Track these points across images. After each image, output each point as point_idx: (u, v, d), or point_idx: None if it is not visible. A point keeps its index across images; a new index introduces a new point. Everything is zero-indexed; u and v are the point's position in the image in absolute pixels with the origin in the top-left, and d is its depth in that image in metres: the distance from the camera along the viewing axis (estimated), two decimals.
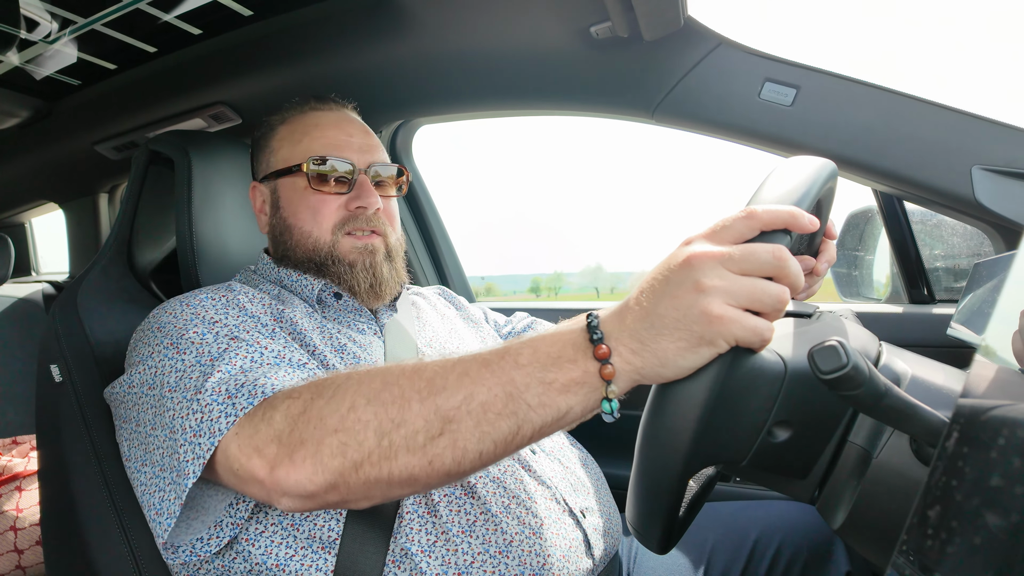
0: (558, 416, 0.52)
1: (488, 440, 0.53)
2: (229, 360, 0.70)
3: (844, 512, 0.55)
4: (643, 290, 0.51)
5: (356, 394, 0.58)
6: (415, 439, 0.54)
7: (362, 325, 0.93)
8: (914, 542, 0.34)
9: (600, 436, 1.33)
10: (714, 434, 0.50)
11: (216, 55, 1.39)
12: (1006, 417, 0.31)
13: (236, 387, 0.66)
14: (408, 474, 0.55)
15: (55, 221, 2.30)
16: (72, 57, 1.38)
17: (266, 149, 0.99)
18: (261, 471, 0.60)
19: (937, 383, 0.54)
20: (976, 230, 1.13)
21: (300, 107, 1.00)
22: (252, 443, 0.61)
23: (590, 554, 0.82)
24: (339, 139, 0.95)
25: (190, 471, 0.64)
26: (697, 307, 0.47)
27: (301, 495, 0.58)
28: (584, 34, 1.17)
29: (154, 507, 0.68)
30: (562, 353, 0.52)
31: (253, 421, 0.62)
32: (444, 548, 0.73)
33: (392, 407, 0.55)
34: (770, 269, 0.48)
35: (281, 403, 0.62)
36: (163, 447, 0.68)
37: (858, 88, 1.07)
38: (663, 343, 0.48)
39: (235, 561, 0.73)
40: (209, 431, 0.63)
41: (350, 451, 0.56)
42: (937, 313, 1.16)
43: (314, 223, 0.92)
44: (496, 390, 0.52)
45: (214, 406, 0.65)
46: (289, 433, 0.59)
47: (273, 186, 0.97)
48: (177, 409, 0.67)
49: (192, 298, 0.81)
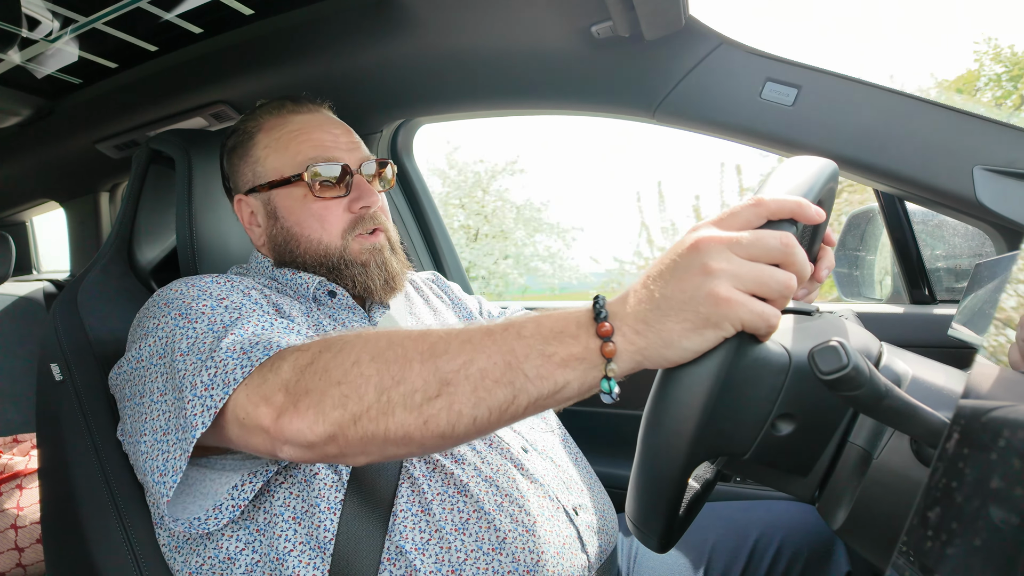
0: (555, 389, 0.53)
1: (483, 406, 0.53)
2: (242, 326, 0.71)
3: (844, 513, 0.55)
4: (650, 275, 0.51)
5: (362, 350, 0.59)
6: (412, 398, 0.55)
7: (356, 322, 0.93)
8: (914, 543, 0.34)
9: (596, 435, 1.33)
10: (718, 423, 0.50)
11: (217, 54, 1.39)
12: (1007, 418, 0.31)
13: (251, 345, 0.67)
14: (404, 432, 0.55)
15: (57, 221, 2.31)
16: (73, 56, 1.38)
17: (248, 159, 0.96)
18: (267, 419, 0.60)
19: (938, 384, 0.54)
20: (977, 230, 1.13)
21: (277, 111, 0.97)
22: (260, 392, 0.62)
23: (584, 551, 0.82)
24: (327, 141, 0.94)
25: (198, 423, 0.64)
26: (704, 289, 0.47)
27: (302, 444, 0.59)
28: (585, 33, 1.17)
29: (157, 469, 0.68)
30: (565, 328, 0.53)
31: (263, 371, 0.63)
32: (438, 546, 0.73)
33: (394, 365, 0.56)
34: (778, 255, 0.49)
35: (290, 355, 0.63)
36: (168, 411, 0.68)
37: (860, 88, 1.07)
38: (668, 324, 0.49)
39: (242, 553, 0.74)
40: (223, 383, 0.64)
41: (351, 403, 0.57)
42: (938, 313, 1.16)
43: (323, 230, 0.91)
44: (496, 358, 0.53)
45: (229, 361, 0.65)
46: (296, 382, 0.60)
47: (266, 197, 0.94)
48: (189, 369, 0.68)
49: (197, 280, 0.81)
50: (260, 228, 0.97)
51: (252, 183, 0.96)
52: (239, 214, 0.99)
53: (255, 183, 0.95)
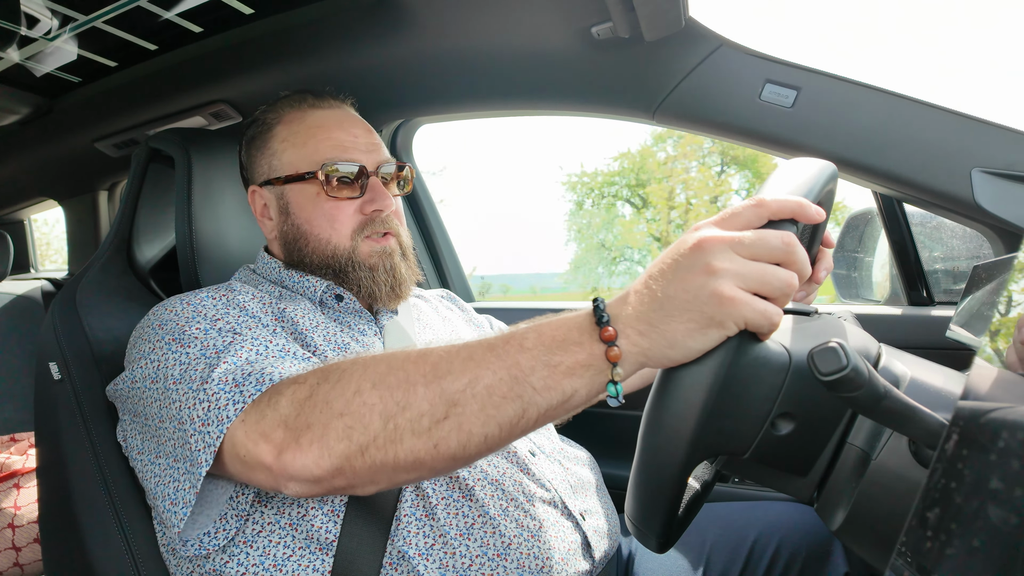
0: (563, 399, 0.52)
1: (493, 423, 0.53)
2: (235, 352, 0.70)
3: (843, 513, 0.55)
4: (651, 275, 0.51)
5: (362, 378, 0.58)
6: (420, 422, 0.54)
7: (363, 326, 0.92)
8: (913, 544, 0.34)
9: (600, 437, 1.33)
10: (719, 422, 0.50)
11: (217, 53, 1.39)
12: (1006, 419, 0.31)
13: (243, 376, 0.66)
14: (414, 458, 0.55)
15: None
16: (72, 54, 1.38)
17: (266, 151, 0.95)
18: (268, 456, 0.60)
19: (936, 385, 0.54)
20: (975, 232, 1.13)
21: (298, 105, 0.96)
22: (259, 429, 0.61)
23: (589, 556, 0.82)
24: (346, 141, 0.93)
25: (202, 460, 0.64)
26: (707, 288, 0.48)
27: (308, 479, 0.58)
28: (585, 34, 1.17)
29: (168, 497, 0.68)
30: (568, 336, 0.52)
31: (259, 407, 0.62)
32: (442, 551, 0.73)
33: (397, 391, 0.56)
34: (780, 254, 0.49)
35: (287, 388, 0.62)
36: (174, 438, 0.68)
37: (859, 90, 1.07)
38: (672, 324, 0.49)
39: (228, 565, 0.73)
40: (217, 419, 0.63)
41: (356, 435, 0.56)
42: (936, 315, 1.16)
43: (332, 230, 0.90)
44: (501, 373, 0.53)
45: (221, 395, 0.64)
46: (295, 417, 0.59)
47: (280, 191, 0.94)
48: (183, 400, 0.67)
49: (192, 297, 0.81)
50: (272, 222, 0.96)
51: (267, 176, 0.95)
52: (252, 205, 0.98)
53: (270, 176, 0.95)
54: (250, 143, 0.98)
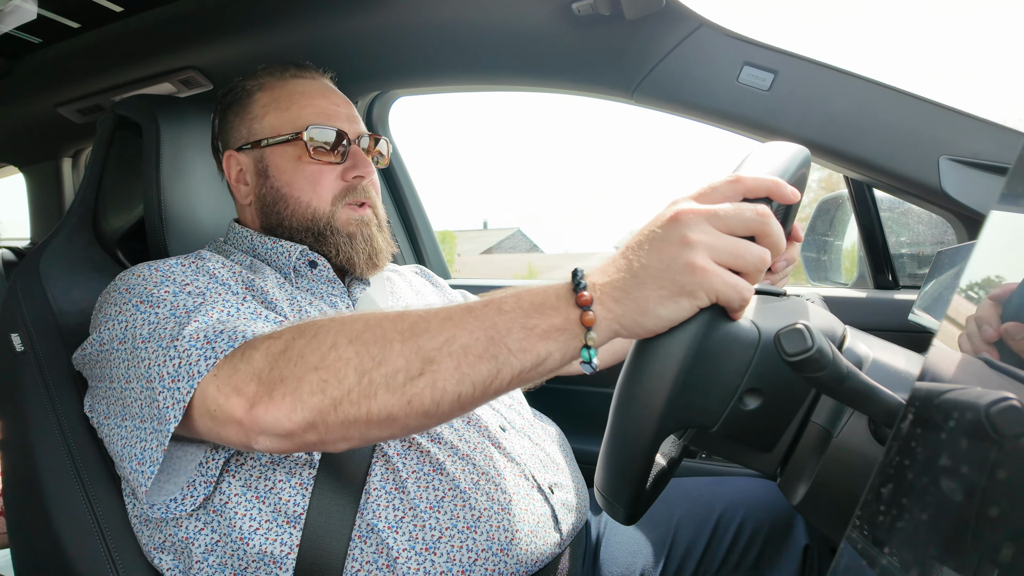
0: (537, 361, 0.53)
1: (468, 382, 0.53)
2: (206, 312, 0.69)
3: (804, 488, 0.57)
4: (629, 246, 0.52)
5: (338, 334, 0.58)
6: (395, 378, 0.54)
7: (334, 299, 0.91)
8: (868, 517, 0.35)
9: (571, 413, 1.34)
10: (689, 396, 0.51)
11: (187, 17, 1.34)
12: (957, 400, 0.33)
13: (215, 333, 0.65)
14: (387, 413, 0.55)
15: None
16: (32, 13, 1.32)
17: (245, 116, 0.95)
18: (239, 410, 0.59)
19: (897, 367, 0.56)
20: (940, 219, 1.16)
21: (280, 73, 0.97)
22: (231, 382, 0.61)
23: (558, 529, 0.83)
24: (328, 109, 0.93)
25: (171, 416, 0.63)
26: (681, 259, 0.49)
27: (279, 433, 0.58)
28: (566, 10, 1.16)
29: (135, 457, 0.67)
30: (545, 301, 0.53)
31: (232, 361, 0.62)
32: (412, 524, 0.74)
33: (374, 346, 0.56)
34: (756, 226, 0.50)
35: (261, 344, 0.62)
36: (140, 398, 0.67)
37: (834, 75, 1.08)
38: (645, 292, 0.50)
39: (196, 535, 0.73)
40: (188, 375, 0.63)
41: (330, 388, 0.56)
42: (900, 299, 1.20)
43: (313, 193, 0.91)
44: (478, 334, 0.53)
45: (192, 351, 0.64)
46: (269, 371, 0.59)
47: (259, 155, 0.93)
48: (153, 358, 0.66)
49: (161, 263, 0.79)
50: (247, 187, 0.96)
51: (246, 139, 0.95)
52: (226, 171, 0.97)
53: (249, 139, 0.94)
54: (227, 109, 0.98)
